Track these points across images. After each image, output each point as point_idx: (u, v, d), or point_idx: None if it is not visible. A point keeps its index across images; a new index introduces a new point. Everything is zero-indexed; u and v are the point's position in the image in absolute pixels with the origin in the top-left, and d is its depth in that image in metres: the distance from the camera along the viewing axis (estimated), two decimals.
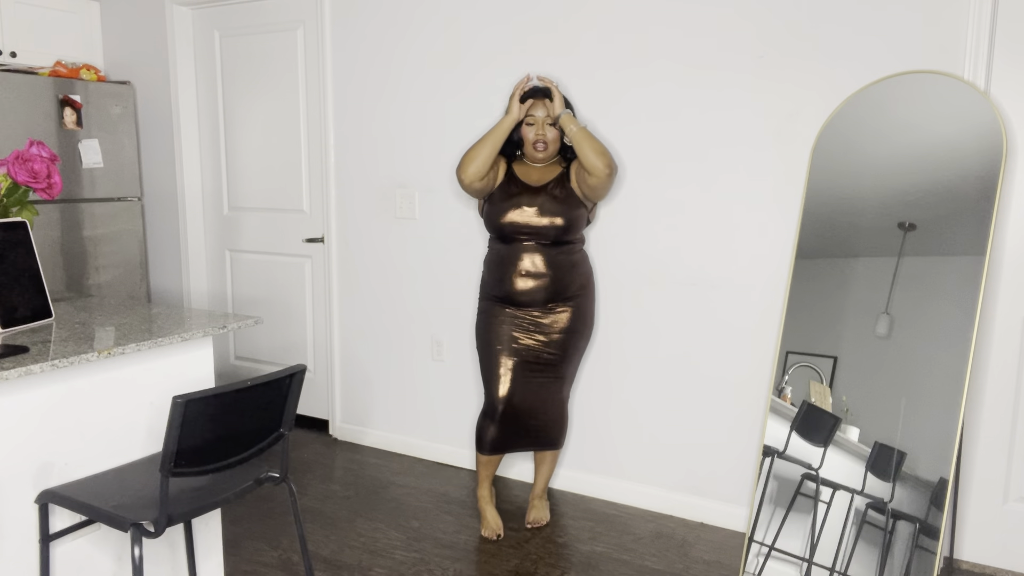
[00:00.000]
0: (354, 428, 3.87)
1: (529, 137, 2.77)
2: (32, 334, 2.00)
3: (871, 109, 2.52)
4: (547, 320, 2.79)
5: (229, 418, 1.78)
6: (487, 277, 2.86)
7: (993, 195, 2.30)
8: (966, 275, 2.32)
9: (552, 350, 2.80)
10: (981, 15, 2.40)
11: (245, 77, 4.03)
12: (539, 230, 2.73)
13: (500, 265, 2.79)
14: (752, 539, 2.55)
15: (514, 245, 2.76)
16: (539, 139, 2.75)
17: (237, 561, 2.64)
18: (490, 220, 2.80)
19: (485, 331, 2.84)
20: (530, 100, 2.77)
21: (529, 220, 2.73)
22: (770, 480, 2.56)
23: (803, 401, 2.55)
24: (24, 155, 2.12)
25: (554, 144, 2.78)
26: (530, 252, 2.74)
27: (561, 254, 2.77)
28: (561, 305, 2.79)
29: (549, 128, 2.76)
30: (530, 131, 2.77)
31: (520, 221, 2.73)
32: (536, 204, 2.73)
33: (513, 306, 2.79)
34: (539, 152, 2.76)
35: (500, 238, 2.80)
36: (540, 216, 2.72)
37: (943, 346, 2.33)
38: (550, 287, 2.76)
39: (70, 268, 4.00)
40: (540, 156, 2.77)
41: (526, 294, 2.76)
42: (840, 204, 2.55)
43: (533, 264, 2.74)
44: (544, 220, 2.72)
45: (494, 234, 2.82)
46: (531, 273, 2.74)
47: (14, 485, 1.85)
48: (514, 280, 2.75)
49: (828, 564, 2.40)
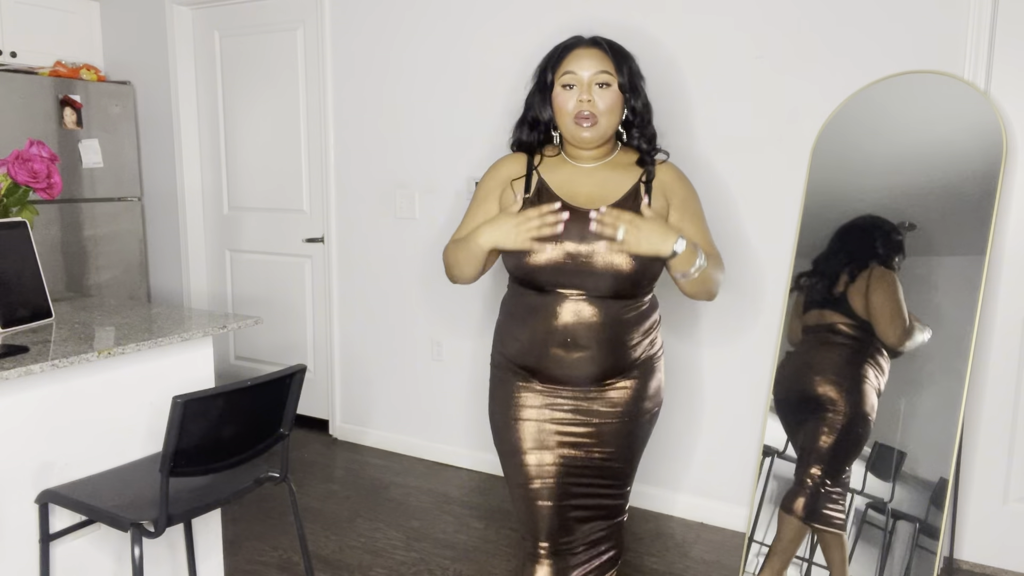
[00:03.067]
0: (354, 428, 3.87)
1: (567, 107, 1.76)
2: (32, 334, 2.00)
3: (871, 109, 2.52)
4: (598, 403, 1.82)
5: (229, 418, 1.78)
6: (505, 334, 1.88)
7: (993, 195, 2.30)
8: (966, 275, 2.32)
9: (607, 449, 1.84)
10: (981, 15, 2.40)
11: (245, 77, 4.03)
12: (593, 277, 1.73)
13: (528, 323, 1.81)
14: (752, 539, 2.55)
15: (551, 296, 1.76)
16: (583, 109, 1.75)
17: (237, 561, 2.64)
18: (513, 260, 1.78)
19: (504, 422, 1.88)
20: (569, 50, 1.80)
21: (578, 262, 1.72)
22: (770, 480, 2.56)
23: None
24: (24, 155, 2.12)
25: (610, 116, 1.77)
26: (577, 308, 1.75)
27: (626, 310, 1.78)
28: (620, 380, 1.82)
29: (601, 91, 1.75)
30: (568, 97, 1.76)
31: (561, 263, 1.72)
32: (591, 239, 1.71)
33: (547, 383, 1.82)
34: (584, 129, 1.76)
35: (528, 284, 1.81)
36: (596, 258, 1.71)
37: (943, 346, 2.33)
38: (606, 359, 1.78)
39: (70, 268, 4.00)
40: (586, 136, 1.77)
41: (568, 368, 1.78)
42: (840, 204, 2.55)
43: (581, 325, 1.75)
44: (603, 262, 1.71)
45: (518, 278, 1.83)
46: (577, 341, 1.76)
47: (14, 485, 1.85)
48: (549, 350, 1.78)
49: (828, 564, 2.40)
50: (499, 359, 1.91)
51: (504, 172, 1.87)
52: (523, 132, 1.88)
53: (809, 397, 2.49)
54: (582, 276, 1.72)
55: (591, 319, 1.75)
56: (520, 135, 1.88)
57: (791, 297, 2.59)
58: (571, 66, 1.77)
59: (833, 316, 2.47)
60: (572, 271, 1.72)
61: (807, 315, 2.53)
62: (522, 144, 1.88)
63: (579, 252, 1.71)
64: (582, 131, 1.76)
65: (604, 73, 1.75)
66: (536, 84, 1.84)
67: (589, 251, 1.71)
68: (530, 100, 1.85)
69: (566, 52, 1.79)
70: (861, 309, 2.39)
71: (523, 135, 1.88)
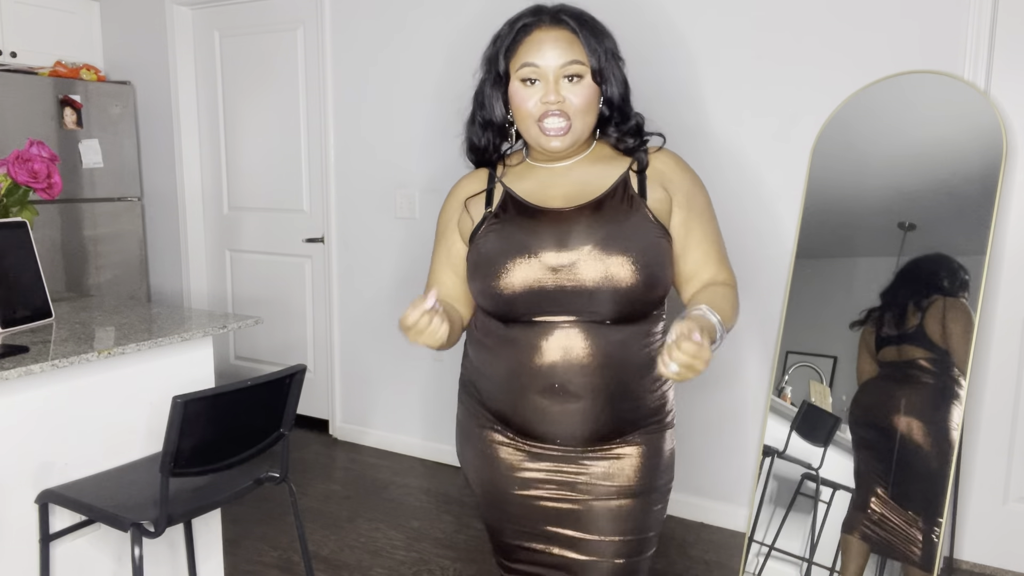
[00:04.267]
0: (354, 428, 3.87)
1: (528, 108, 1.37)
2: (32, 334, 2.00)
3: (871, 109, 2.52)
4: (589, 474, 1.40)
5: (229, 418, 1.78)
6: (475, 375, 1.48)
7: (993, 195, 2.30)
8: (966, 275, 2.32)
9: (598, 537, 1.40)
10: (981, 15, 2.40)
11: (245, 77, 4.03)
12: (583, 295, 1.32)
13: (502, 356, 1.40)
14: (752, 539, 2.55)
15: (532, 327, 1.35)
16: (550, 110, 1.36)
17: (237, 561, 2.64)
18: (477, 284, 1.40)
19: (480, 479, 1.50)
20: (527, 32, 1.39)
21: (562, 279, 1.32)
22: (770, 480, 2.56)
23: (803, 401, 2.55)
24: (24, 155, 2.12)
25: (586, 116, 1.38)
26: (567, 340, 1.34)
27: (633, 341, 1.36)
28: (622, 444, 1.40)
29: (571, 86, 1.36)
30: (528, 95, 1.37)
31: (540, 283, 1.33)
32: (574, 242, 1.33)
33: (525, 438, 1.42)
34: (553, 138, 1.37)
35: (501, 317, 1.39)
36: (585, 267, 1.32)
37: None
38: (605, 413, 1.36)
39: (70, 268, 4.00)
40: (556, 145, 1.38)
41: (553, 423, 1.37)
42: (840, 204, 2.55)
43: (573, 366, 1.33)
44: (595, 275, 1.31)
45: (488, 309, 1.41)
46: (567, 387, 1.34)
47: (14, 485, 1.85)
48: (529, 397, 1.37)
49: (828, 564, 2.40)
50: (466, 394, 1.51)
51: (460, 194, 1.51)
52: (474, 134, 1.49)
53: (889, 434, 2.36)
54: (569, 296, 1.31)
55: (585, 357, 1.32)
56: (472, 136, 1.49)
57: (858, 330, 2.49)
58: (531, 56, 1.35)
59: (913, 351, 2.37)
60: (555, 291, 1.31)
61: (884, 351, 2.43)
62: (474, 148, 1.49)
63: (560, 263, 1.32)
64: (550, 140, 1.37)
65: (575, 64, 1.35)
66: (486, 76, 1.44)
67: (573, 259, 1.31)
68: (479, 97, 1.46)
69: (522, 35, 1.38)
70: (940, 340, 2.34)
71: (474, 138, 1.49)
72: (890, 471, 2.35)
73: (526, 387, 1.37)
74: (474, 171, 1.54)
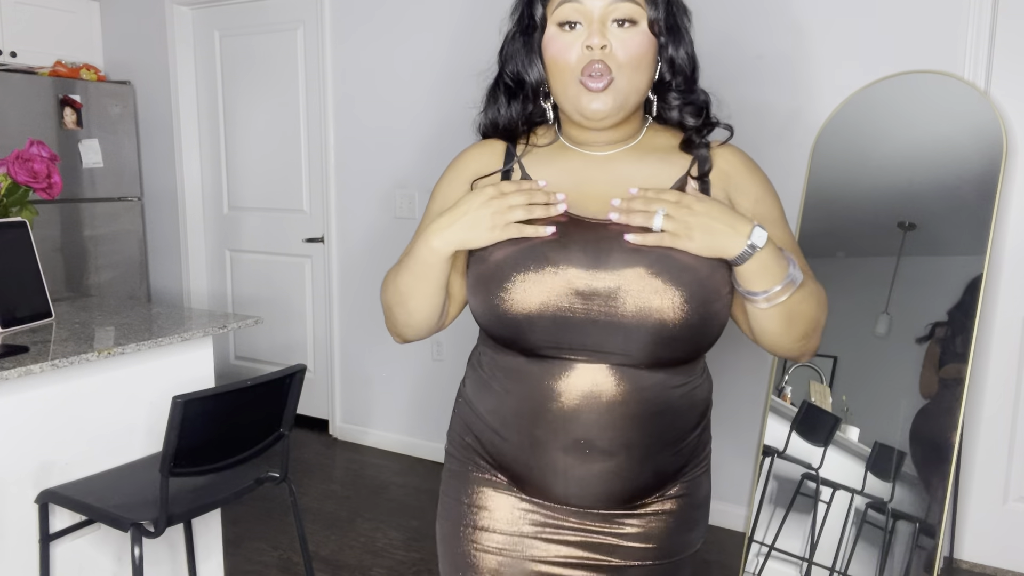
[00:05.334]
0: (354, 428, 3.87)
1: (567, 60, 1.08)
2: (32, 334, 2.00)
3: (871, 109, 2.52)
4: (620, 536, 1.14)
5: (229, 418, 1.78)
6: (475, 413, 1.19)
7: (993, 195, 2.30)
8: (966, 275, 2.32)
9: None
10: (981, 15, 2.40)
11: (245, 77, 4.03)
12: (619, 331, 1.04)
13: (511, 402, 1.12)
14: (752, 539, 2.55)
15: (549, 364, 1.08)
16: (593, 60, 1.06)
17: (237, 561, 2.64)
18: (480, 300, 1.10)
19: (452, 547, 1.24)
20: None
21: (594, 309, 1.03)
22: (770, 480, 2.56)
23: (803, 401, 2.55)
24: (24, 155, 2.12)
25: (636, 74, 1.08)
26: (593, 384, 1.06)
27: (673, 388, 1.09)
28: (657, 500, 1.15)
29: (621, 33, 1.07)
30: (568, 43, 1.08)
31: (565, 308, 1.04)
32: (616, 262, 1.04)
33: (541, 497, 1.14)
34: (593, 95, 1.07)
35: (511, 345, 1.11)
36: (627, 297, 1.03)
37: (943, 346, 2.33)
38: (641, 472, 1.11)
39: (70, 268, 4.00)
40: (596, 106, 1.07)
41: (579, 484, 1.10)
42: (840, 204, 2.55)
43: (601, 417, 1.07)
44: (634, 305, 1.03)
45: (493, 333, 1.12)
46: (595, 443, 1.07)
47: (14, 485, 1.85)
48: (548, 453, 1.09)
49: (828, 564, 2.40)
50: (460, 445, 1.21)
51: (469, 170, 1.18)
52: (499, 105, 1.17)
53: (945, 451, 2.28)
54: (600, 330, 1.02)
55: (618, 405, 1.05)
56: (494, 111, 1.18)
57: (923, 346, 2.43)
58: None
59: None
60: (583, 322, 1.02)
61: (946, 368, 2.36)
62: (497, 127, 1.18)
63: (594, 289, 1.02)
64: (591, 98, 1.06)
65: (627, 3, 1.06)
66: (517, 25, 1.14)
67: (611, 286, 1.01)
68: (507, 50, 1.16)
69: None
70: None
71: (500, 110, 1.17)
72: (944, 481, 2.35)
73: (544, 442, 1.08)
74: (484, 142, 1.20)
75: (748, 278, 1.02)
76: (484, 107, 1.20)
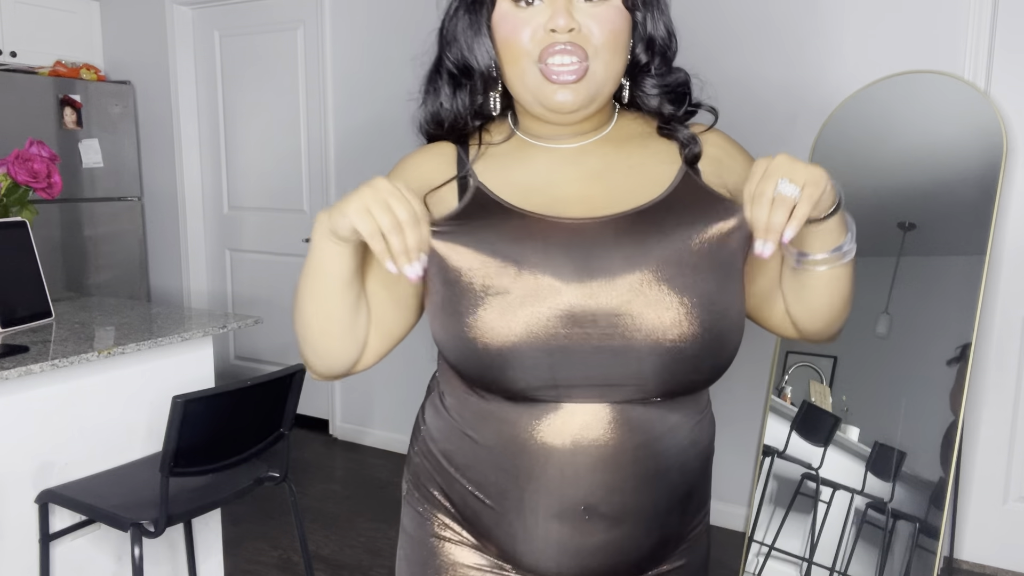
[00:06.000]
0: (354, 428, 3.87)
1: (524, 44, 0.86)
2: (32, 334, 2.00)
3: (871, 109, 2.52)
4: None
5: (229, 418, 1.78)
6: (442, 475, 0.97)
7: (993, 195, 2.30)
8: (966, 275, 2.32)
9: None
10: (981, 15, 2.40)
11: (245, 77, 4.03)
12: (632, 362, 0.82)
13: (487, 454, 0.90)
14: (752, 539, 2.55)
15: (535, 408, 0.85)
16: (556, 42, 0.85)
17: (237, 561, 2.64)
18: (444, 329, 0.89)
19: None
20: None
21: (592, 331, 0.81)
22: (770, 480, 2.56)
23: (803, 401, 2.55)
24: (24, 155, 2.12)
25: (611, 56, 0.87)
26: (592, 430, 0.84)
27: (683, 423, 0.90)
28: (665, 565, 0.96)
29: (591, 8, 0.86)
30: (524, 20, 0.87)
31: (555, 337, 0.81)
32: (612, 269, 0.82)
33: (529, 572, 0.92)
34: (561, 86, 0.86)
35: (487, 386, 0.87)
36: (634, 312, 0.81)
37: (943, 346, 2.33)
38: (653, 536, 0.91)
39: (70, 268, 4.00)
40: (563, 99, 0.86)
41: (579, 556, 0.89)
42: None
43: (607, 474, 0.86)
44: (647, 325, 0.81)
45: (463, 371, 0.89)
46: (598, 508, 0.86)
47: (14, 485, 1.85)
48: (541, 525, 0.88)
49: (828, 564, 2.40)
50: (424, 496, 0.99)
51: (414, 177, 0.96)
52: (441, 97, 0.96)
53: None
54: (604, 360, 0.82)
55: (626, 462, 0.85)
56: (435, 104, 0.97)
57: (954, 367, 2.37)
58: None
59: None
60: (581, 351, 0.82)
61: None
62: (440, 123, 0.97)
63: (590, 308, 0.81)
64: (555, 89, 0.86)
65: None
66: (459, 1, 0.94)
67: (612, 303, 0.81)
68: (449, 29, 0.95)
69: None
70: None
71: (443, 103, 0.96)
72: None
73: (534, 507, 0.87)
74: (432, 147, 0.99)
75: (830, 229, 0.82)
76: (423, 99, 0.99)
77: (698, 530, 0.99)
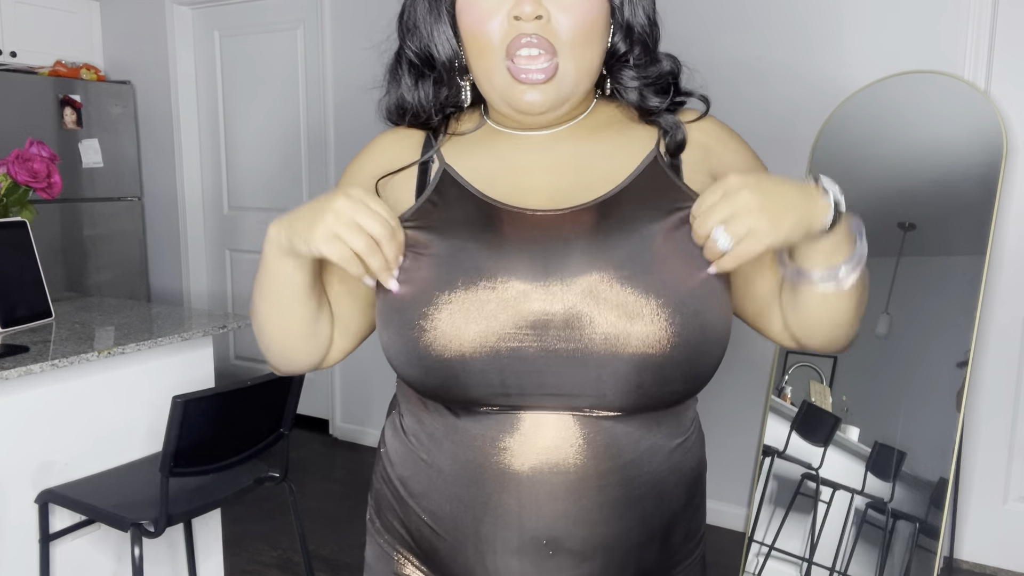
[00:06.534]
0: (354, 428, 3.87)
1: (490, 35, 0.79)
2: (32, 334, 2.00)
3: (871, 109, 2.52)
4: None
5: (229, 418, 1.78)
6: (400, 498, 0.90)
7: (993, 195, 2.30)
8: (966, 275, 2.32)
9: None
10: (981, 15, 2.40)
11: (245, 77, 4.03)
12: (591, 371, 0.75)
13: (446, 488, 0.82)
14: (752, 539, 2.55)
15: (493, 419, 0.78)
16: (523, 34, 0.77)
17: (237, 561, 2.64)
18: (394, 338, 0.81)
19: None
20: None
21: (551, 337, 0.74)
22: (770, 480, 2.56)
23: (803, 401, 2.55)
24: (24, 155, 2.12)
25: (583, 49, 0.80)
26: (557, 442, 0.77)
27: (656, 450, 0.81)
28: None
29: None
30: (490, 12, 0.79)
31: (510, 343, 0.75)
32: (572, 269, 0.75)
33: None
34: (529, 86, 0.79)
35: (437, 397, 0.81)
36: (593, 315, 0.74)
37: (943, 346, 2.33)
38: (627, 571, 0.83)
39: (70, 268, 4.00)
40: (532, 99, 0.80)
41: None
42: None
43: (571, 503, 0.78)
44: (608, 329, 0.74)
45: (415, 383, 0.82)
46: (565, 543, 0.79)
47: (14, 485, 1.85)
48: (500, 560, 0.80)
49: (828, 564, 2.40)
50: (385, 526, 0.95)
51: (375, 162, 0.91)
52: (403, 88, 0.90)
53: None
54: (558, 368, 0.75)
55: (592, 488, 0.78)
56: (398, 93, 0.91)
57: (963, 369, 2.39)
58: None
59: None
60: (536, 357, 0.75)
61: None
62: (404, 112, 0.91)
63: (546, 311, 0.75)
64: (523, 90, 0.80)
65: None
66: None
67: (568, 306, 0.75)
68: (409, 17, 0.88)
69: None
70: None
71: (405, 94, 0.90)
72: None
73: (490, 540, 0.79)
74: (395, 131, 0.94)
75: (831, 247, 0.75)
76: (386, 89, 0.93)
77: (688, 563, 0.91)
